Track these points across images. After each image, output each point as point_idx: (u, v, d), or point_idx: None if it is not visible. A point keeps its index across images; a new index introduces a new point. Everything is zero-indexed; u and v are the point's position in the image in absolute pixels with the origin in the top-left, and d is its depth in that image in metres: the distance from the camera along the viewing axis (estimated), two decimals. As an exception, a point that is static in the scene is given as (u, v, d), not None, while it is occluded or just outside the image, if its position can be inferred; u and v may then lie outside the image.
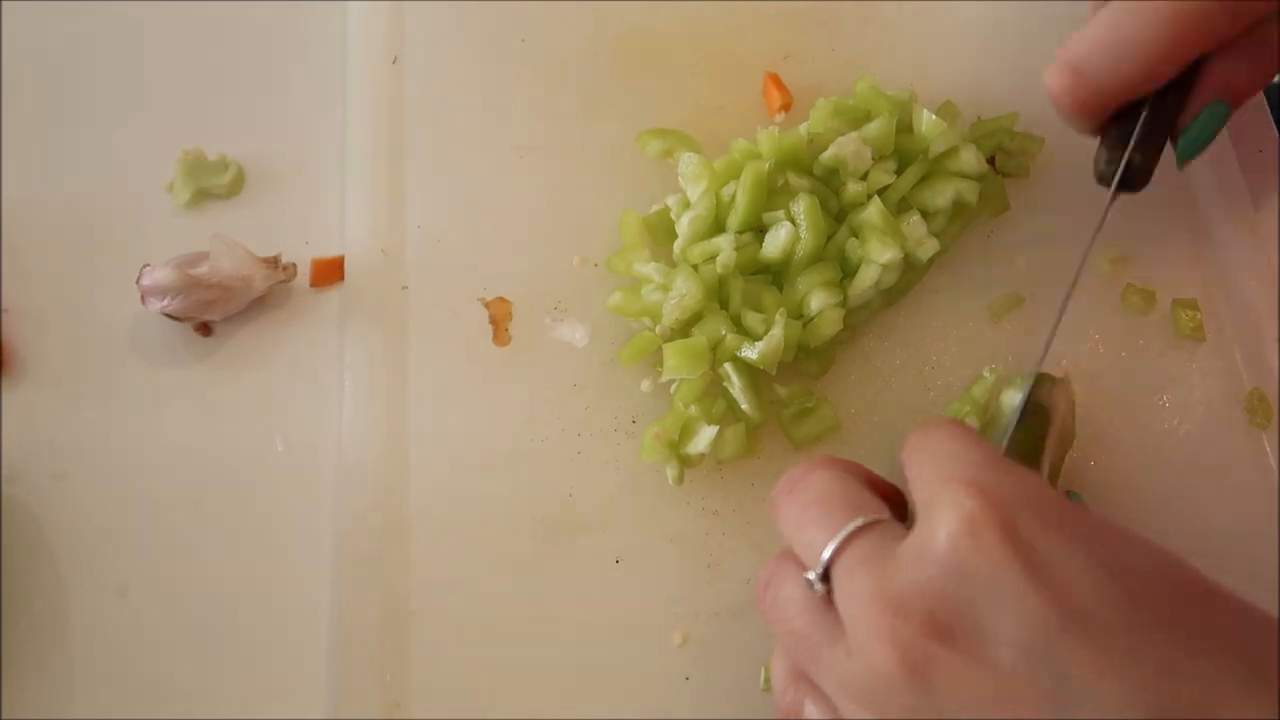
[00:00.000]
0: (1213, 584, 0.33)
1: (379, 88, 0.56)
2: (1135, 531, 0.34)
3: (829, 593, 0.35)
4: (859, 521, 0.35)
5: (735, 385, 0.47)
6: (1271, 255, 0.52)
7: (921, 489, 0.36)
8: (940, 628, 0.32)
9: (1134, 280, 0.51)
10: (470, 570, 0.46)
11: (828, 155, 0.49)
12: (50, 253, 0.53)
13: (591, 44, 0.57)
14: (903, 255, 0.48)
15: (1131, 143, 0.44)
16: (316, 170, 0.55)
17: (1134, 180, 0.45)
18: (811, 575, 0.36)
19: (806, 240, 0.48)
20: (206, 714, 0.45)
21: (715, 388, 0.48)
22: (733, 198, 0.49)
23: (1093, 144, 0.46)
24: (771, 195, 0.49)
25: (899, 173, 0.50)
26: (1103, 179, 0.45)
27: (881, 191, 0.50)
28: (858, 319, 0.49)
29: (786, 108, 0.55)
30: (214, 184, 0.54)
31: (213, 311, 0.50)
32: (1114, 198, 0.45)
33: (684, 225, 0.49)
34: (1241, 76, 0.44)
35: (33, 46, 0.57)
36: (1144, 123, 0.44)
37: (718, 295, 0.48)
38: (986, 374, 0.48)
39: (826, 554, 0.35)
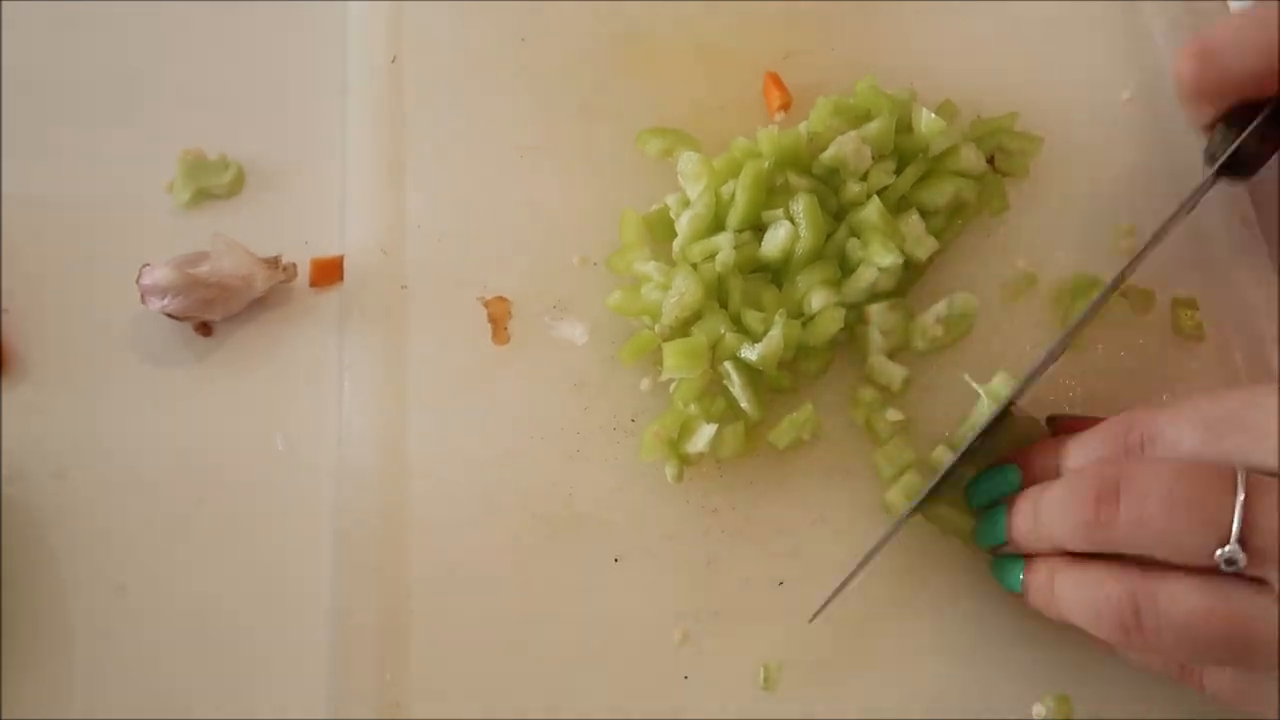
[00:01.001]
0: None
1: (379, 87, 0.56)
2: None
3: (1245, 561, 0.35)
4: (1243, 473, 0.35)
5: (735, 383, 0.47)
6: (1272, 255, 0.52)
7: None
8: None
9: (1134, 280, 0.51)
10: (470, 569, 0.46)
11: (828, 154, 0.49)
12: (50, 253, 0.53)
13: (591, 44, 0.57)
14: (903, 259, 0.48)
15: (1250, 127, 0.45)
16: (316, 170, 0.55)
17: (1245, 165, 0.46)
18: (1225, 551, 0.35)
19: (806, 239, 0.47)
20: (206, 714, 0.45)
21: (715, 386, 0.48)
22: (732, 196, 0.49)
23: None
24: (771, 194, 0.49)
25: (898, 172, 0.50)
26: (1213, 158, 0.47)
27: (881, 191, 0.50)
28: (854, 318, 0.49)
29: (786, 107, 0.55)
30: (214, 184, 0.54)
31: (213, 311, 0.50)
32: (1215, 180, 0.47)
33: (683, 224, 0.49)
34: None
35: (33, 46, 0.57)
36: (1267, 115, 0.45)
37: (717, 294, 0.48)
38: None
39: (1237, 520, 0.35)
